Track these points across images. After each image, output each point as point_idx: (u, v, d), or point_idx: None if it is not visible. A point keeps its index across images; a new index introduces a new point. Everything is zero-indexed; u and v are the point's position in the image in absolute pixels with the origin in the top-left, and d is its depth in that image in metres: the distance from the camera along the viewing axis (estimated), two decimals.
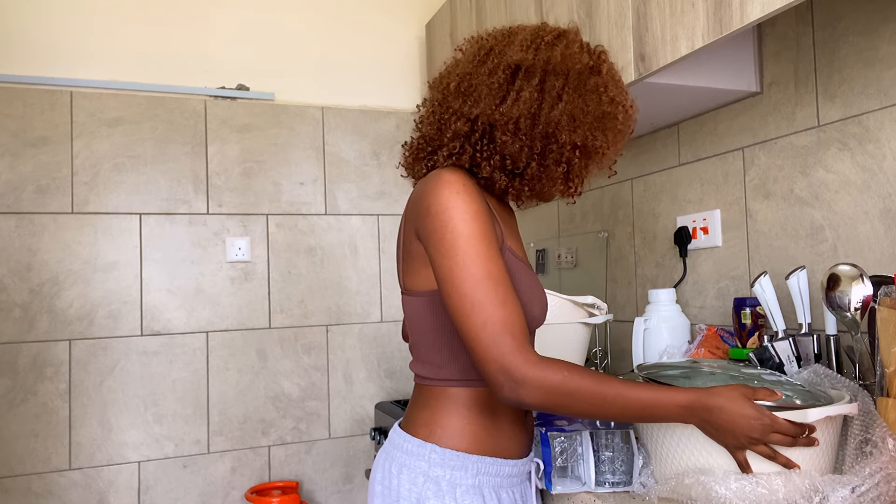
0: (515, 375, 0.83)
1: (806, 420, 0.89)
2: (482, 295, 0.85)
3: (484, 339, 0.84)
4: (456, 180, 0.91)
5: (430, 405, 0.98)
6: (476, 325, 0.85)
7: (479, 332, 0.85)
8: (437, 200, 0.90)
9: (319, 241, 2.42)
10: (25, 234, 2.08)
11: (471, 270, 0.86)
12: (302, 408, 2.36)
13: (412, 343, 1.04)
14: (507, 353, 0.83)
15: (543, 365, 0.84)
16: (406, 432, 0.99)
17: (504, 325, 0.84)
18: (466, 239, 0.87)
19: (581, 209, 2.16)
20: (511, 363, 0.83)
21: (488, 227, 0.90)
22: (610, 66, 1.00)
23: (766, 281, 1.29)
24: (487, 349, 0.84)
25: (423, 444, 0.96)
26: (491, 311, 0.85)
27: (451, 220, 0.88)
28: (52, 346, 2.09)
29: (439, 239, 0.89)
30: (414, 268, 0.97)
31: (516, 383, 0.83)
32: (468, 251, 0.87)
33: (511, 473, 0.99)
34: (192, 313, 2.25)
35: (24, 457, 2.04)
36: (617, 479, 1.05)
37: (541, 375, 0.83)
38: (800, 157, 1.41)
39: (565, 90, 0.94)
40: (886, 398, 0.97)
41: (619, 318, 1.95)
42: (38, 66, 2.13)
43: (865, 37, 1.27)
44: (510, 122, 0.93)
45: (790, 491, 0.89)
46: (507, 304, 0.86)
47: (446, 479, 0.94)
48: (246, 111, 2.35)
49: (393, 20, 2.57)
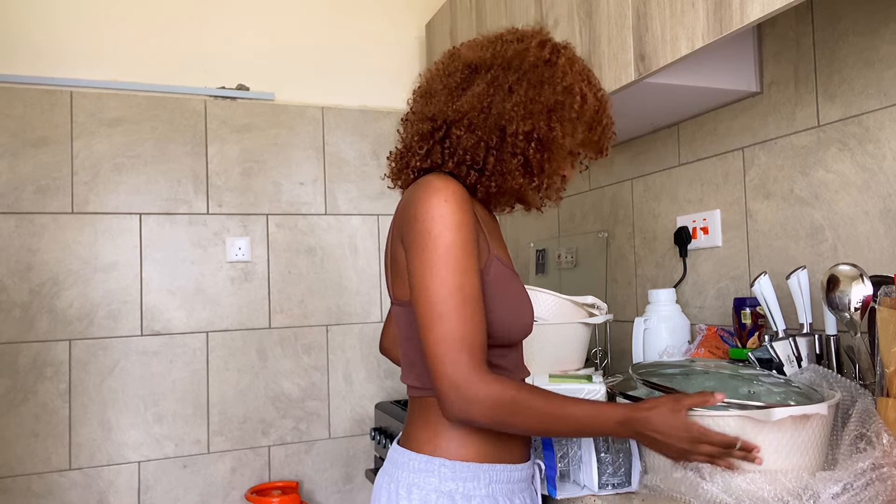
0: (467, 393, 0.83)
1: (769, 419, 0.89)
2: (450, 308, 0.85)
3: (440, 353, 0.84)
4: (444, 188, 0.90)
5: (430, 419, 0.96)
6: (436, 338, 0.85)
7: (438, 345, 0.85)
8: (423, 207, 0.89)
9: (319, 241, 2.42)
10: (25, 234, 2.08)
11: (444, 281, 0.86)
12: (302, 408, 2.36)
13: (403, 354, 1.02)
14: (462, 370, 0.83)
15: (494, 383, 0.85)
16: (409, 450, 0.97)
17: (463, 342, 0.84)
18: (446, 248, 0.87)
19: (581, 209, 2.16)
20: (464, 380, 0.83)
21: (471, 238, 0.89)
22: (570, 58, 0.98)
23: (766, 281, 1.29)
24: (442, 363, 0.84)
25: (431, 460, 0.93)
26: (454, 325, 0.85)
27: (435, 227, 0.87)
28: (52, 346, 2.09)
29: (420, 246, 0.88)
30: (402, 277, 0.96)
31: (466, 401, 0.84)
32: (447, 261, 0.86)
33: (519, 478, 0.99)
34: (192, 313, 2.25)
35: (24, 457, 2.04)
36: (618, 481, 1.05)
37: (492, 394, 0.84)
38: (800, 157, 1.41)
39: (518, 83, 0.94)
40: (886, 398, 0.97)
41: (619, 318, 1.95)
42: (38, 66, 2.13)
43: (865, 37, 1.27)
44: (464, 117, 0.94)
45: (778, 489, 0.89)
46: (472, 321, 0.86)
47: (460, 492, 0.92)
48: (246, 111, 2.35)
49: (393, 20, 2.57)
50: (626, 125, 1.76)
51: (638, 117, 1.70)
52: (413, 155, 0.99)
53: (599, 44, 1.48)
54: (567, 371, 1.57)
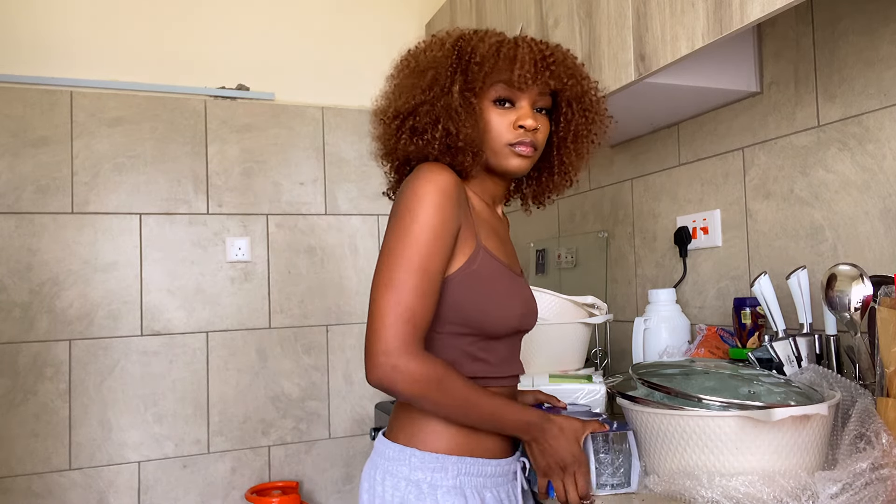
0: (396, 361, 0.86)
1: (770, 419, 0.89)
2: (407, 278, 0.88)
3: (387, 317, 0.87)
4: (434, 169, 0.93)
5: (412, 411, 0.99)
6: (386, 302, 0.87)
7: (387, 309, 0.87)
8: (410, 186, 0.92)
9: (319, 241, 2.42)
10: (25, 234, 2.08)
11: (409, 253, 0.88)
12: (302, 408, 2.36)
13: None
14: (399, 338, 0.86)
15: (426, 359, 0.88)
16: (388, 439, 1.01)
17: (410, 313, 0.87)
18: (421, 226, 0.89)
19: (581, 209, 2.16)
20: (397, 348, 0.86)
21: (447, 223, 0.91)
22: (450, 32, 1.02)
23: (766, 281, 1.29)
24: (384, 326, 0.87)
25: (404, 450, 0.97)
26: (406, 295, 0.87)
27: (415, 206, 0.90)
28: (52, 346, 2.09)
29: (398, 219, 0.91)
30: None
31: (392, 367, 0.86)
32: (417, 237, 0.89)
33: (495, 473, 1.00)
34: (192, 313, 2.25)
35: (24, 457, 2.04)
36: (616, 482, 1.05)
37: (419, 368, 0.87)
38: (800, 157, 1.41)
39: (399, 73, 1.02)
40: (886, 398, 0.97)
41: (619, 318, 1.95)
42: (38, 66, 2.13)
43: (865, 37, 1.27)
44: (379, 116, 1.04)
45: (776, 490, 0.89)
46: (424, 297, 0.88)
47: (427, 482, 0.95)
48: (246, 111, 2.35)
49: (393, 20, 2.57)
50: (626, 125, 1.76)
51: (638, 117, 1.70)
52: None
53: (599, 44, 1.48)
54: (567, 371, 1.57)
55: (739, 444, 0.93)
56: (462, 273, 0.94)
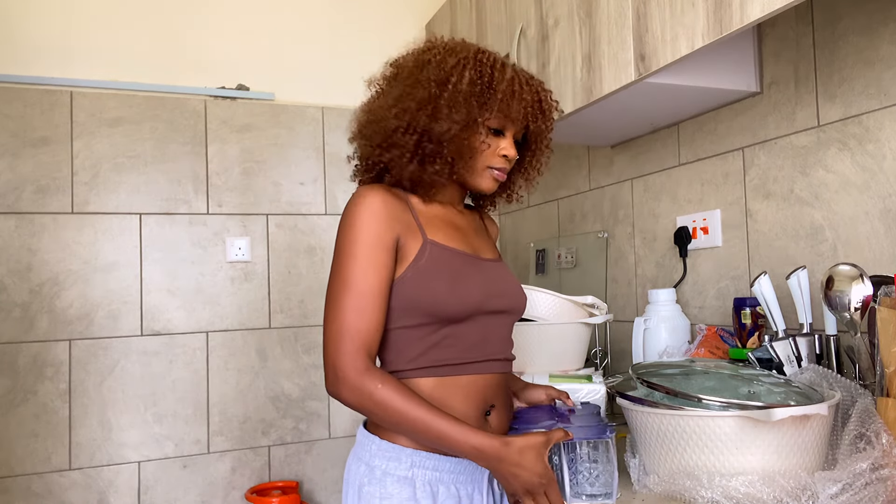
0: (339, 374, 0.95)
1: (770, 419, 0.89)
2: (341, 299, 0.97)
3: (329, 337, 0.97)
4: (361, 193, 1.01)
5: None
6: (327, 320, 0.98)
7: (329, 330, 0.97)
8: (344, 214, 1.01)
9: (319, 241, 2.42)
10: (25, 234, 2.08)
11: (341, 275, 0.98)
12: (302, 408, 2.36)
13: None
14: (341, 355, 0.95)
15: (365, 374, 0.95)
16: (362, 426, 1.09)
17: (347, 331, 0.96)
18: (350, 249, 0.98)
19: (581, 209, 2.16)
20: (339, 363, 0.95)
21: (376, 238, 0.99)
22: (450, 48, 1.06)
23: (766, 281, 1.29)
24: (327, 345, 0.97)
25: (368, 436, 1.05)
26: (342, 315, 0.96)
27: (343, 228, 1.00)
28: (52, 346, 2.09)
29: (336, 245, 1.01)
30: None
31: (338, 381, 0.95)
32: (346, 258, 0.98)
33: (453, 470, 1.03)
34: (192, 313, 2.25)
35: (24, 457, 2.04)
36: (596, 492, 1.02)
37: (358, 382, 0.94)
38: (800, 157, 1.41)
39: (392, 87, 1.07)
40: (886, 398, 0.97)
41: (619, 318, 1.95)
42: (38, 66, 2.13)
43: (865, 37, 1.27)
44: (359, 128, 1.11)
45: (776, 490, 0.89)
46: (361, 313, 0.96)
47: (381, 469, 1.02)
48: (246, 111, 2.35)
49: (393, 20, 2.57)
50: (626, 125, 1.76)
51: (638, 117, 1.70)
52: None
53: (599, 44, 1.48)
54: (567, 371, 1.57)
55: (739, 444, 0.93)
56: (411, 271, 1.01)
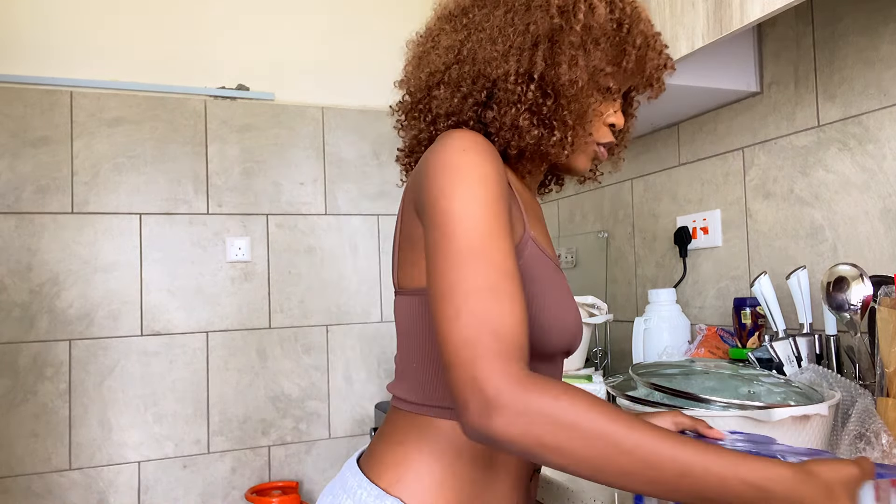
0: (488, 391, 0.55)
1: (770, 419, 0.88)
2: (471, 276, 0.60)
3: (454, 338, 0.57)
4: (463, 136, 0.69)
5: (406, 440, 0.73)
6: (447, 316, 0.58)
7: (450, 325, 0.58)
8: (438, 159, 0.67)
9: (319, 241, 2.42)
10: (25, 234, 2.08)
11: (463, 243, 0.61)
12: (302, 408, 2.36)
13: (400, 354, 0.79)
14: (482, 358, 0.56)
15: (531, 384, 0.55)
16: (363, 473, 0.73)
17: (486, 320, 0.57)
18: (463, 205, 0.63)
19: (581, 209, 2.16)
20: (484, 372, 0.55)
21: (501, 197, 0.66)
22: None
23: (766, 281, 1.29)
24: (456, 351, 0.57)
25: (383, 497, 0.69)
26: (471, 298, 0.58)
27: (447, 182, 0.65)
28: (52, 346, 2.09)
29: (433, 205, 0.65)
30: (414, 257, 0.74)
31: (487, 404, 0.55)
32: (468, 220, 0.62)
33: None
34: (192, 313, 2.25)
35: (24, 457, 2.04)
36: None
37: (524, 397, 0.55)
38: (800, 157, 1.41)
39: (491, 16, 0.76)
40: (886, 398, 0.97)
41: (619, 318, 1.95)
42: (38, 66, 2.13)
43: (865, 37, 1.27)
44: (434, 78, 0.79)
45: None
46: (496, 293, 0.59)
47: None
48: (246, 111, 2.35)
49: (393, 20, 2.57)
50: None
51: (638, 117, 1.69)
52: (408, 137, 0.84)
53: None
54: (567, 371, 1.57)
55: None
56: None
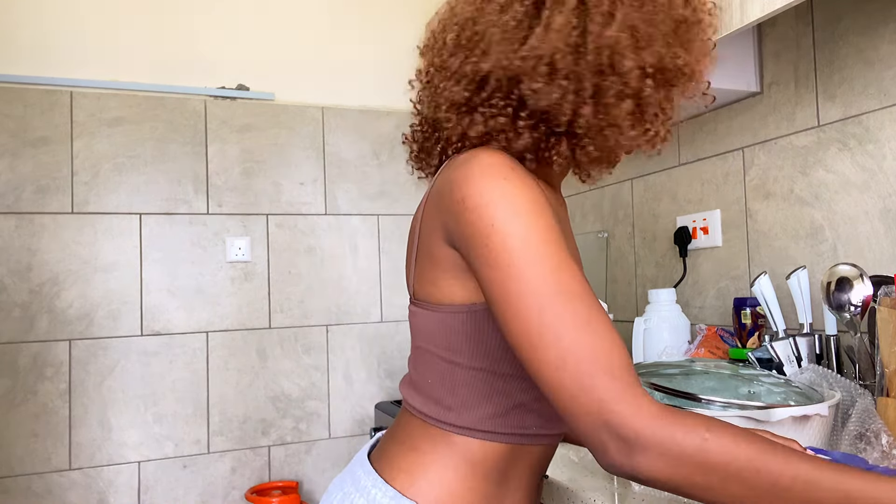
0: (625, 433, 0.55)
1: (770, 420, 0.89)
2: (553, 317, 0.59)
3: (567, 385, 0.57)
4: (499, 162, 0.66)
5: (419, 447, 0.73)
6: (550, 365, 0.58)
7: (559, 375, 0.58)
8: (475, 190, 0.64)
9: (319, 241, 2.42)
10: (25, 234, 2.08)
11: (532, 284, 0.60)
12: (302, 408, 2.36)
13: (414, 363, 0.78)
14: (609, 401, 0.56)
15: (670, 419, 0.55)
16: (377, 472, 0.74)
17: (594, 359, 0.57)
18: (522, 240, 0.61)
19: (581, 209, 2.16)
20: (617, 416, 0.55)
21: (550, 221, 0.63)
22: None
23: (766, 281, 1.29)
24: (575, 399, 0.57)
25: (399, 498, 0.70)
26: (570, 339, 0.58)
27: (498, 216, 0.62)
28: (52, 346, 2.09)
29: (483, 243, 0.63)
30: (434, 276, 0.73)
31: (628, 445, 0.55)
32: (528, 259, 0.61)
33: None
34: (192, 313, 2.25)
35: (24, 457, 2.04)
36: None
37: (668, 436, 0.55)
38: (800, 157, 1.41)
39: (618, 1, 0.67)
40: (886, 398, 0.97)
41: (619, 318, 1.95)
42: (38, 66, 2.13)
43: (865, 37, 1.27)
44: (541, 63, 0.67)
45: None
46: (592, 326, 0.59)
47: None
48: (246, 111, 2.35)
49: (393, 20, 2.57)
50: None
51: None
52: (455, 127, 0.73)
53: None
54: None
55: None
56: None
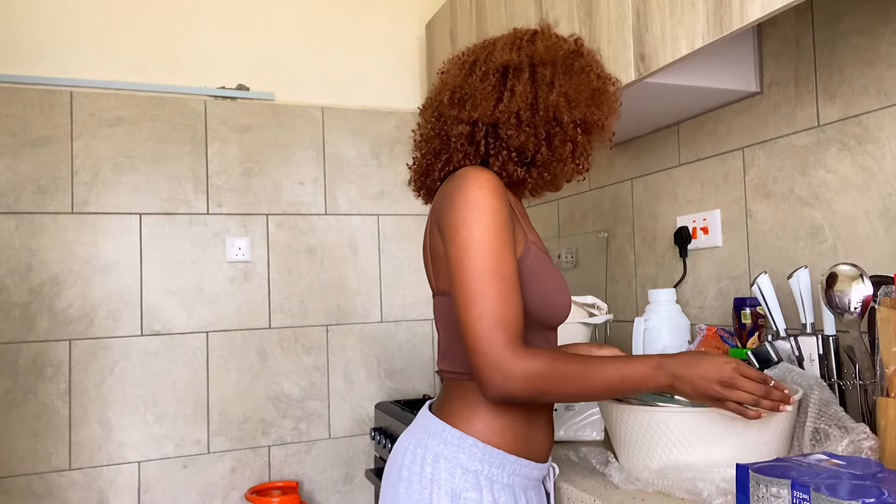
0: (503, 368, 0.86)
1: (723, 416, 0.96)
2: (485, 288, 0.88)
3: (478, 332, 0.87)
4: (480, 177, 0.94)
5: (469, 400, 0.98)
6: (473, 317, 0.87)
7: (476, 324, 0.87)
8: (460, 195, 0.93)
9: (319, 241, 2.42)
10: (25, 234, 2.08)
11: (479, 263, 0.89)
12: (302, 408, 2.36)
13: (445, 344, 1.04)
14: (497, 346, 0.86)
15: (529, 355, 0.87)
16: (444, 421, 0.99)
17: (498, 320, 0.87)
18: (481, 233, 0.90)
19: (581, 209, 2.16)
20: (499, 357, 0.86)
21: (505, 224, 0.92)
22: (588, 48, 1.06)
23: (766, 280, 1.29)
24: (479, 342, 0.87)
25: (464, 437, 0.96)
26: (490, 304, 0.87)
27: (470, 213, 0.91)
28: (52, 346, 2.09)
29: (455, 231, 0.91)
30: (442, 267, 0.99)
31: (503, 376, 0.86)
32: (481, 245, 0.89)
33: (536, 476, 1.02)
34: (192, 313, 2.25)
35: (24, 457, 2.04)
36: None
37: (526, 366, 0.86)
38: (800, 157, 1.41)
39: (556, 76, 0.99)
40: (886, 398, 0.97)
41: (619, 318, 1.95)
42: (38, 66, 2.13)
43: (865, 37, 1.27)
44: (511, 116, 0.97)
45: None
46: (507, 300, 0.88)
47: (484, 475, 0.95)
48: (246, 111, 2.35)
49: (393, 20, 2.57)
50: (626, 125, 1.76)
51: (638, 117, 1.70)
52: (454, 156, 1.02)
53: (599, 44, 1.48)
54: None
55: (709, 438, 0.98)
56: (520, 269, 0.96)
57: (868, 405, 1.08)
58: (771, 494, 0.80)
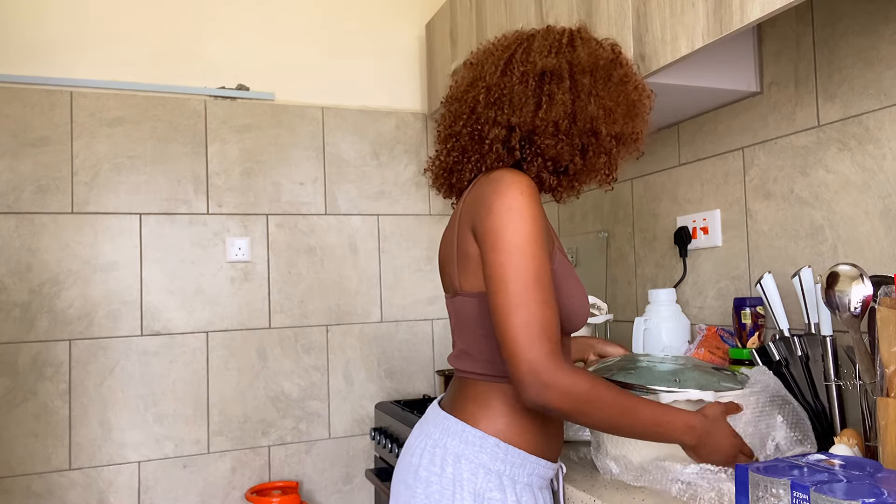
0: (545, 378, 0.86)
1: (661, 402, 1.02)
2: (530, 295, 0.88)
3: (522, 338, 0.87)
4: (522, 182, 0.94)
5: (490, 401, 0.99)
6: (517, 324, 0.87)
7: (519, 331, 0.87)
8: (501, 200, 0.92)
9: (319, 241, 2.42)
10: (25, 234, 2.08)
11: (523, 270, 0.89)
12: (302, 408, 2.36)
13: (466, 344, 1.04)
14: (542, 356, 0.86)
15: (573, 372, 0.88)
16: (463, 421, 0.99)
17: (543, 328, 0.87)
18: (524, 240, 0.90)
19: (581, 209, 2.16)
20: (544, 365, 0.86)
21: (545, 230, 0.93)
22: (626, 56, 1.06)
23: (770, 280, 1.29)
24: (523, 348, 0.86)
25: (486, 437, 0.97)
26: (535, 313, 0.87)
27: (512, 219, 0.91)
28: (52, 346, 2.09)
29: (496, 237, 0.91)
30: (472, 269, 0.99)
31: (544, 385, 0.86)
32: (525, 251, 0.89)
33: (549, 476, 1.04)
34: (192, 313, 2.25)
35: (24, 457, 2.04)
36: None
37: (569, 381, 0.87)
38: (800, 157, 1.41)
39: (595, 86, 0.99)
40: (886, 398, 0.97)
41: (619, 318, 1.95)
42: (38, 66, 2.13)
43: (865, 37, 1.27)
44: (549, 125, 0.97)
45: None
46: (551, 308, 0.89)
47: (507, 475, 0.96)
48: (246, 111, 2.35)
49: (393, 20, 2.57)
50: None
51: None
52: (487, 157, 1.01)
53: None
54: None
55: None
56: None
57: (868, 405, 1.08)
58: (770, 494, 0.80)
